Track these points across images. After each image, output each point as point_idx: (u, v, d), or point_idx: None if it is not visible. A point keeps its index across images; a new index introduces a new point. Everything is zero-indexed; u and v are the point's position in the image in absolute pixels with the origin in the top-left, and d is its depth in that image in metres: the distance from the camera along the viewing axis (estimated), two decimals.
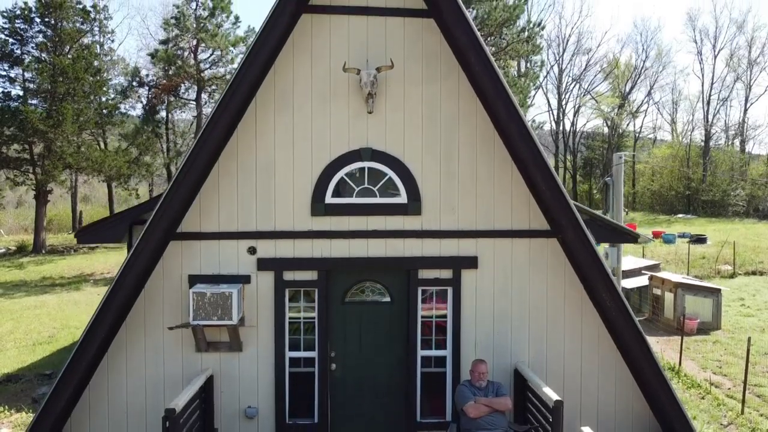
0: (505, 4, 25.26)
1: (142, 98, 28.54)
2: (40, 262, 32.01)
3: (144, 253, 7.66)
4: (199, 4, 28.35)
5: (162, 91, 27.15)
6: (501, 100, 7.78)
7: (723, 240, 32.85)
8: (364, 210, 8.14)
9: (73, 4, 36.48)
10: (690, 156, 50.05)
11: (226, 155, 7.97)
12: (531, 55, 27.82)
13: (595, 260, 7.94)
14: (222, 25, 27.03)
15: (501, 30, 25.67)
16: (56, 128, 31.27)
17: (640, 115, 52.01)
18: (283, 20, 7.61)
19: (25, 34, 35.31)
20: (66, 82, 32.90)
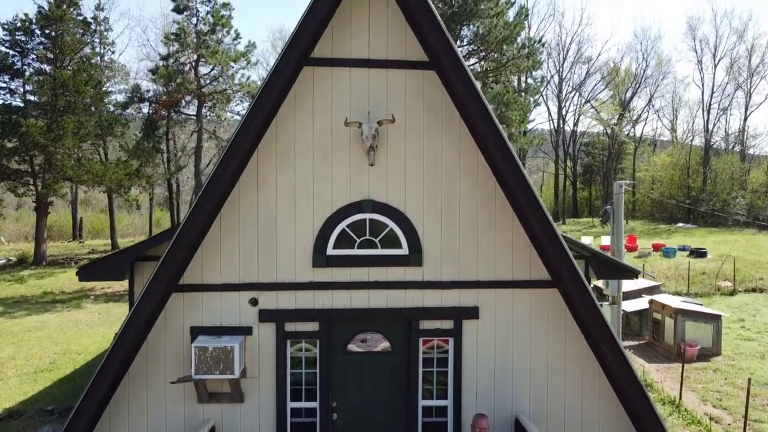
0: (506, 22, 25.31)
1: (143, 110, 28.47)
2: (40, 275, 32.00)
3: (147, 307, 7.68)
4: (200, 20, 28.33)
5: (162, 107, 27.16)
6: (501, 152, 7.81)
7: (723, 253, 32.87)
8: (365, 261, 8.16)
9: (74, 16, 36.52)
10: (690, 164, 50.08)
11: (228, 207, 8.00)
12: (531, 70, 27.86)
13: (596, 313, 7.96)
14: (222, 41, 27.03)
15: (501, 47, 25.74)
16: (57, 142, 31.29)
17: (640, 123, 52.12)
18: (285, 73, 7.64)
19: (25, 46, 35.31)
20: (66, 95, 32.91)
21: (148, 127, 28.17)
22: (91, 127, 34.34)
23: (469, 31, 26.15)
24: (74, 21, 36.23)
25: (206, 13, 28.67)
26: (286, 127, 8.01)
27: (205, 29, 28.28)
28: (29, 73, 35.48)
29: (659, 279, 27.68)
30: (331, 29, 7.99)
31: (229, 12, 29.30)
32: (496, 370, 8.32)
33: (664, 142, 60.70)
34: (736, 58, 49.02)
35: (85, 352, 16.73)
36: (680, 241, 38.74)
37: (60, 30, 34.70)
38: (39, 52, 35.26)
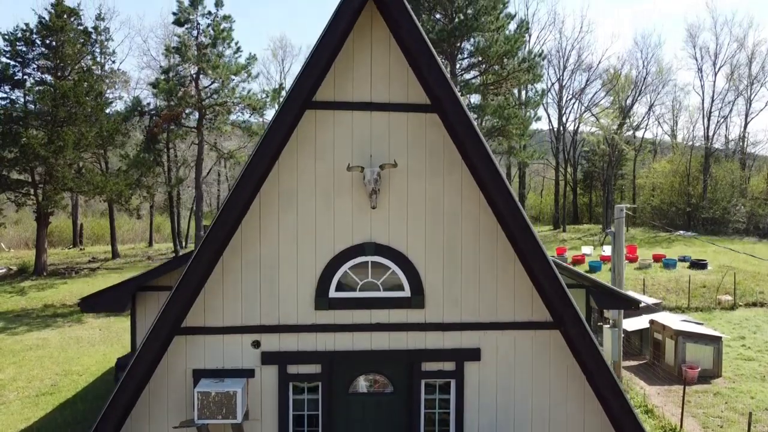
0: (506, 36, 25.35)
1: (144, 122, 28.49)
2: (41, 286, 32.02)
3: (150, 351, 7.71)
4: (201, 32, 28.36)
5: (163, 120, 27.19)
6: (502, 195, 7.85)
7: (723, 264, 32.90)
8: (367, 304, 8.19)
9: (75, 26, 36.54)
10: (690, 171, 50.10)
11: (230, 251, 8.02)
12: (532, 83, 27.90)
13: (597, 356, 7.99)
14: (223, 55, 27.06)
15: (502, 60, 25.79)
16: (57, 154, 31.31)
17: (640, 130, 52.17)
18: (288, 117, 7.67)
19: (26, 56, 35.32)
20: (67, 106, 32.92)
21: (148, 140, 28.20)
22: (92, 137, 34.37)
23: (469, 44, 26.19)
24: (75, 31, 36.25)
25: (207, 25, 28.71)
26: (289, 169, 8.04)
27: (206, 41, 28.29)
28: (30, 83, 35.47)
29: (659, 292, 27.70)
30: (333, 72, 8.02)
31: (229, 24, 29.33)
32: (498, 410, 8.34)
33: (665, 147, 60.77)
34: (737, 66, 49.12)
35: (87, 372, 16.73)
36: (680, 251, 38.75)
37: (61, 40, 34.68)
38: (40, 63, 35.26)
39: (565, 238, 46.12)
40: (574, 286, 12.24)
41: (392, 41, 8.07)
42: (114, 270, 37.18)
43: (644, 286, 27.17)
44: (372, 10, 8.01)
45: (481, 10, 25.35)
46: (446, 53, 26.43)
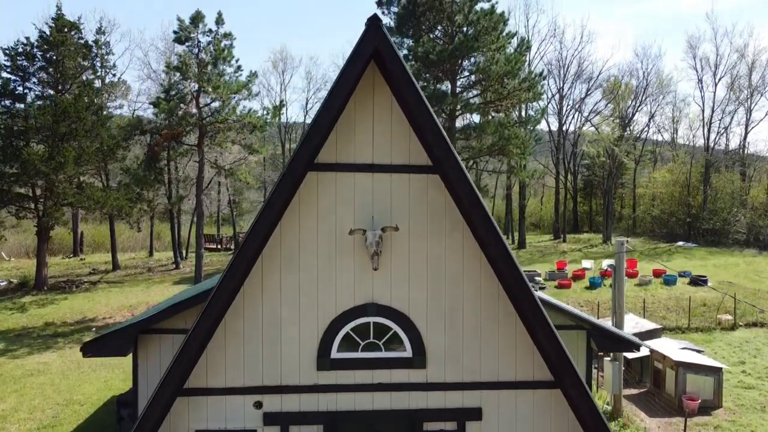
0: (507, 57, 25.40)
1: (145, 139, 28.53)
2: (42, 302, 32.05)
3: (154, 413, 7.73)
4: (201, 50, 28.41)
5: (164, 139, 27.23)
6: (502, 257, 7.88)
7: (723, 280, 32.95)
8: (369, 364, 8.22)
9: (75, 40, 36.59)
10: (690, 181, 50.14)
11: (232, 312, 8.04)
12: (532, 101, 27.95)
13: (597, 416, 8.01)
14: (224, 74, 27.10)
15: (502, 80, 25.83)
16: (58, 171, 31.35)
17: (640, 141, 52.11)
18: (292, 179, 7.71)
19: (27, 71, 35.36)
20: (67, 122, 32.97)
21: (149, 158, 28.23)
22: (93, 152, 34.44)
23: (469, 63, 26.25)
24: (75, 45, 36.28)
25: (207, 43, 28.74)
26: (291, 230, 8.07)
27: (207, 59, 28.33)
28: (31, 97, 35.54)
29: (660, 311, 27.74)
30: (335, 134, 8.06)
31: (230, 41, 29.37)
32: None
33: (665, 157, 60.80)
34: (737, 77, 49.17)
35: (88, 402, 16.76)
36: (680, 264, 38.79)
37: (61, 55, 34.73)
38: (40, 76, 35.30)
39: (565, 249, 46.13)
40: (575, 328, 12.30)
41: (394, 103, 8.12)
42: (115, 284, 37.19)
43: (644, 307, 27.17)
44: (374, 73, 8.05)
45: (481, 30, 25.40)
46: (446, 72, 26.49)
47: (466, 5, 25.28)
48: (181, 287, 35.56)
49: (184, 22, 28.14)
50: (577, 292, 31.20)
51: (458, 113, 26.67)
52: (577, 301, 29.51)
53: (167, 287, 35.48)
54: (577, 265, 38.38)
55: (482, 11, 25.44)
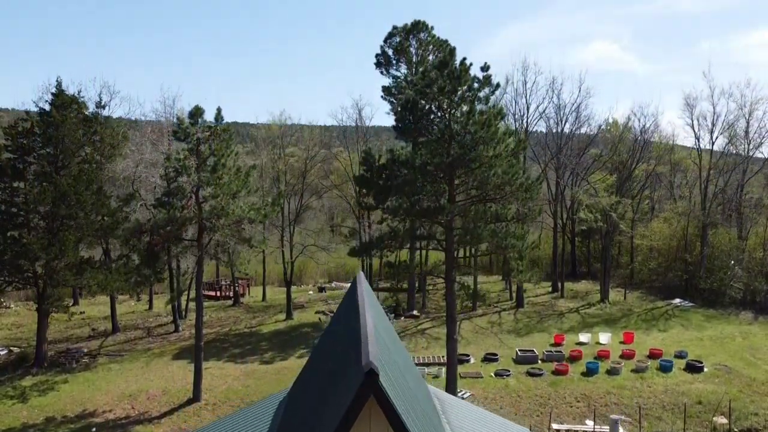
0: (504, 171, 25.64)
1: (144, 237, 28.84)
2: (42, 386, 32.24)
3: None
4: (201, 143, 28.64)
5: (163, 239, 27.46)
6: None
7: (719, 363, 33.21)
8: None
9: (75, 115, 36.79)
10: (688, 237, 50.45)
11: None
12: (529, 201, 28.18)
13: None
14: (222, 177, 27.33)
15: (501, 188, 26.10)
16: (58, 258, 31.58)
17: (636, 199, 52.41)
18: None
19: (26, 147, 35.52)
20: (67, 205, 33.18)
21: (148, 257, 28.46)
22: (93, 231, 34.71)
23: (465, 176, 26.53)
24: (76, 119, 36.44)
25: (208, 135, 28.92)
26: None
27: (206, 152, 28.55)
28: (31, 174, 35.66)
29: (656, 410, 28.00)
30: None
31: (229, 134, 29.60)
32: None
33: (664, 201, 61.10)
34: (734, 137, 49.49)
35: None
36: (677, 335, 39.08)
37: (62, 134, 34.88)
38: (40, 152, 35.47)
39: (563, 310, 46.34)
40: None
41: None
42: (114, 357, 37.32)
43: (640, 411, 27.34)
44: (371, 407, 8.30)
45: (479, 140, 25.62)
46: (444, 179, 26.75)
47: (463, 117, 25.50)
48: (180, 363, 35.76)
49: (183, 121, 28.34)
50: (575, 381, 31.40)
51: (456, 223, 26.89)
52: (573, 395, 29.75)
53: (167, 364, 35.66)
54: (574, 336, 38.61)
55: (480, 119, 25.63)
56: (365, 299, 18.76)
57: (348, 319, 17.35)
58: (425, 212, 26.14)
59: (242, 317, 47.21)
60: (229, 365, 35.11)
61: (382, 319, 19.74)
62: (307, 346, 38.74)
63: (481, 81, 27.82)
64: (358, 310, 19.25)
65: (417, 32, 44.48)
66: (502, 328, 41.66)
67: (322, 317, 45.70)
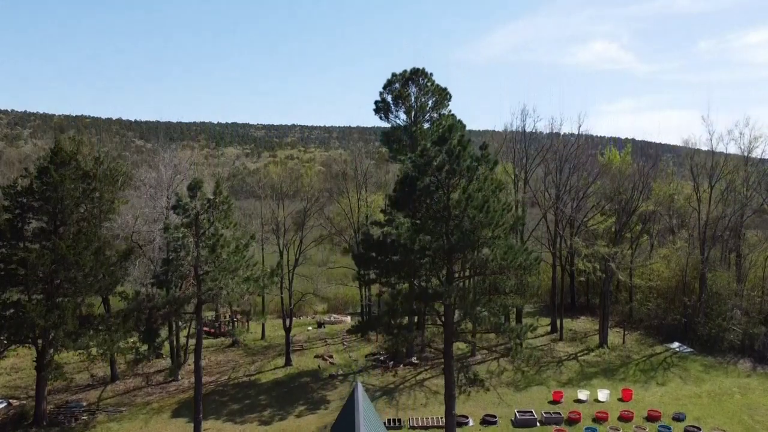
0: (504, 253, 25.67)
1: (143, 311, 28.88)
2: None
3: None
4: (201, 214, 28.64)
5: (163, 317, 27.51)
6: None
7: (717, 428, 33.23)
8: None
9: (73, 170, 36.76)
10: (686, 280, 50.47)
11: None
12: (529, 274, 28.21)
13: None
14: (221, 256, 27.35)
15: (500, 270, 26.23)
16: (57, 327, 31.60)
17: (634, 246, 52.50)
18: None
19: (25, 206, 35.50)
20: (66, 267, 33.20)
21: (147, 333, 28.48)
22: (92, 291, 34.75)
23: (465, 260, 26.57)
24: (75, 175, 36.40)
25: (207, 208, 28.93)
26: None
27: (205, 223, 28.56)
28: (30, 232, 35.65)
29: None
30: None
31: (228, 205, 29.62)
32: None
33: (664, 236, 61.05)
34: (733, 184, 49.44)
35: None
36: (676, 389, 39.14)
37: (60, 194, 34.85)
38: (39, 209, 35.46)
39: (562, 356, 46.40)
40: None
41: None
42: (113, 414, 37.20)
43: None
44: None
45: (477, 225, 25.64)
46: (444, 261, 26.78)
47: (462, 201, 25.51)
48: (179, 423, 35.74)
49: (184, 198, 28.36)
50: None
51: (455, 308, 26.96)
52: None
53: (166, 423, 35.66)
54: (573, 391, 38.62)
55: (478, 203, 25.64)
56: (361, 420, 18.81)
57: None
58: (424, 297, 26.17)
59: (241, 361, 47.15)
60: (227, 426, 35.10)
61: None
62: (306, 401, 38.81)
63: (480, 159, 27.88)
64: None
65: (416, 79, 44.47)
66: (501, 380, 41.68)
67: (321, 364, 45.74)
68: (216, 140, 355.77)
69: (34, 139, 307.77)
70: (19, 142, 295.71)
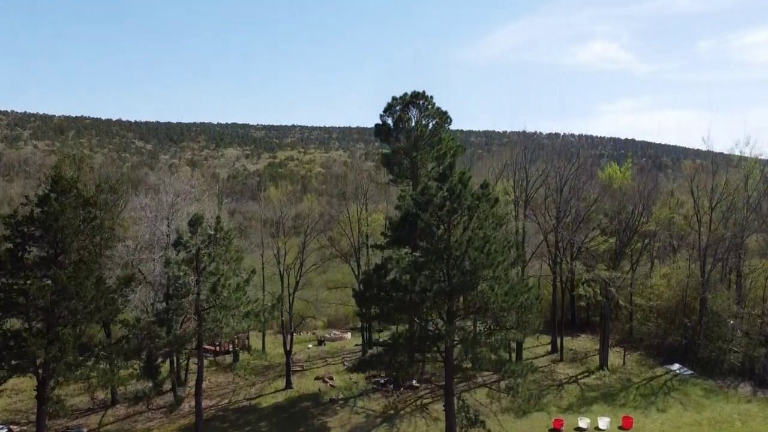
0: (504, 294, 25.70)
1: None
2: None
3: None
4: (201, 249, 28.64)
5: (164, 356, 27.54)
6: None
7: None
8: None
9: (73, 198, 36.71)
10: (686, 301, 50.53)
11: None
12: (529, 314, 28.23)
13: None
14: (221, 295, 27.36)
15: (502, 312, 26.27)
16: (58, 359, 31.56)
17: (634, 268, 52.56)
18: None
19: (25, 235, 35.45)
20: (66, 298, 33.17)
21: (148, 369, 28.52)
22: (93, 321, 34.72)
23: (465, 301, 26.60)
24: (75, 203, 36.34)
25: (207, 243, 28.94)
26: None
27: (205, 258, 28.57)
28: (30, 260, 35.60)
29: None
30: None
31: (229, 239, 29.63)
32: None
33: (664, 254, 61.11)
34: (733, 208, 49.43)
35: None
36: (676, 416, 39.15)
37: (61, 224, 34.81)
38: (40, 243, 35.42)
39: (562, 378, 46.44)
40: None
41: None
42: None
43: None
44: None
45: (478, 266, 25.65)
46: (445, 301, 26.79)
47: (464, 243, 25.54)
48: None
49: (185, 234, 28.37)
50: None
51: (456, 347, 27.01)
52: None
53: None
54: (573, 417, 38.64)
55: (479, 243, 25.66)
56: None
57: None
58: (425, 340, 26.20)
59: (241, 383, 47.10)
60: None
61: None
62: (306, 428, 38.82)
63: (480, 197, 27.87)
64: None
65: (417, 102, 44.46)
66: (501, 406, 41.64)
67: (321, 387, 45.75)
68: (216, 141, 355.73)
69: (34, 140, 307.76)
70: (19, 143, 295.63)
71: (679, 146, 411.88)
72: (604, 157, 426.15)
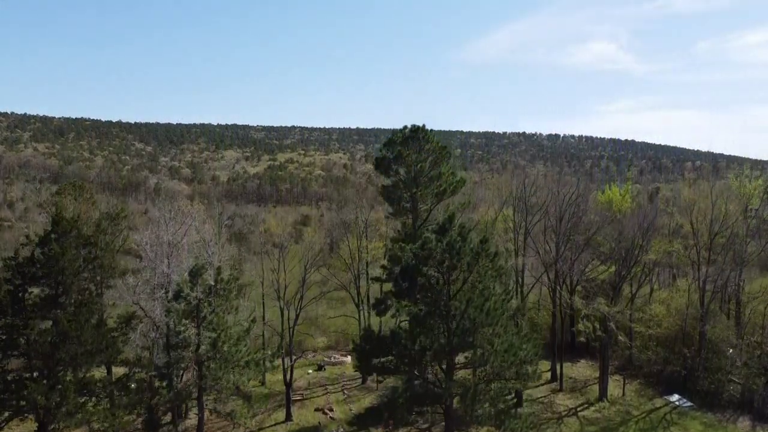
0: (504, 352, 25.83)
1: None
2: None
3: None
4: (202, 299, 28.73)
5: (164, 411, 27.64)
6: None
7: None
8: None
9: (74, 238, 36.79)
10: (686, 330, 50.66)
11: None
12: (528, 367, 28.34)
13: None
14: (222, 349, 27.44)
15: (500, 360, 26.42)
16: (59, 407, 31.66)
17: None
18: None
19: (27, 277, 35.53)
20: (67, 342, 33.26)
21: (150, 424, 28.60)
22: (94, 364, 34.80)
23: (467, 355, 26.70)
24: (76, 244, 36.43)
25: (208, 293, 29.02)
26: None
27: (206, 309, 28.66)
28: (30, 301, 35.70)
29: None
30: None
31: (230, 286, 29.72)
32: None
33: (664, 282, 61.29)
34: (733, 239, 49.56)
35: None
36: None
37: (61, 266, 34.90)
38: (41, 284, 35.51)
39: (562, 410, 46.54)
40: None
41: None
42: None
43: None
44: None
45: (478, 324, 25.75)
46: (445, 357, 26.91)
47: (462, 304, 25.64)
48: None
49: (186, 284, 28.46)
50: None
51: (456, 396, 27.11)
52: None
53: None
54: None
55: (479, 302, 25.76)
56: None
57: None
58: (424, 397, 26.29)
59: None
60: None
61: None
62: None
63: (480, 253, 27.94)
64: None
65: (416, 137, 44.55)
66: None
67: (321, 420, 45.85)
68: (216, 143, 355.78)
69: (34, 143, 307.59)
70: (19, 145, 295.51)
71: (679, 147, 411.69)
72: (604, 158, 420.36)
